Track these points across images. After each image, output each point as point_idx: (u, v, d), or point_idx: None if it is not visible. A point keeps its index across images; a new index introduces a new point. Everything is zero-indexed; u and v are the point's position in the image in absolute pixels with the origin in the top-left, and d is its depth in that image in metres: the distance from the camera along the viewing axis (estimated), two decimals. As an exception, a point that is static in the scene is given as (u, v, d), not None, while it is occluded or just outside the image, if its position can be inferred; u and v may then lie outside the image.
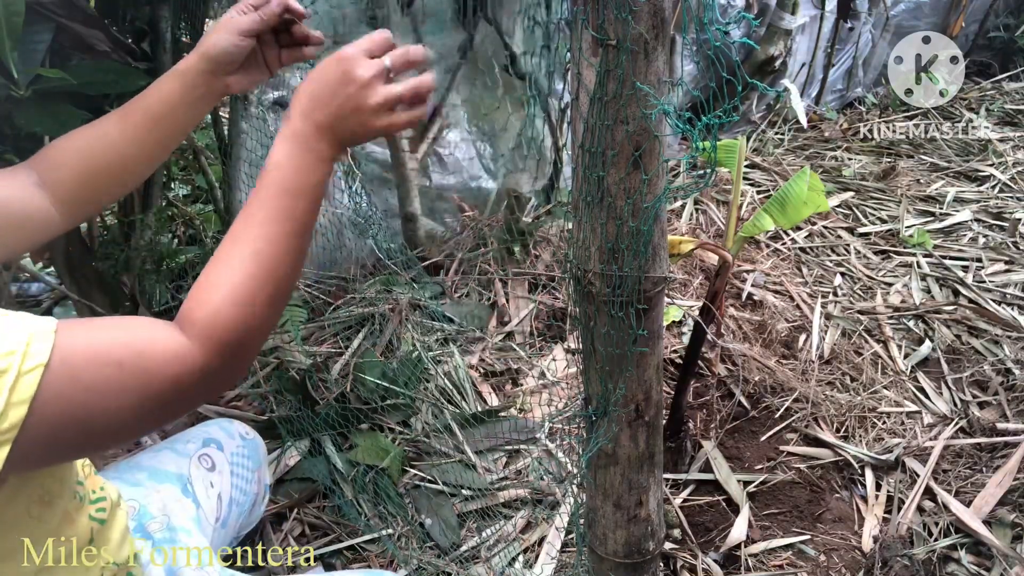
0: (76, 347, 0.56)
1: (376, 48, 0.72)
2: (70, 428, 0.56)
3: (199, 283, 0.65)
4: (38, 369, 0.52)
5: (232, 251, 0.66)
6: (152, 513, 1.01)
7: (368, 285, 2.30)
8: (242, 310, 0.64)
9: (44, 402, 0.53)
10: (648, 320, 0.92)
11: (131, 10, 1.58)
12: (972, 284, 2.47)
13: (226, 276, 0.65)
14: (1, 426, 0.51)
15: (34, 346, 0.53)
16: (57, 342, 0.54)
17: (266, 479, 1.35)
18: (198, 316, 0.62)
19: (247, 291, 0.64)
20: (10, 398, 0.51)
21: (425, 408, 1.89)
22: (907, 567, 1.49)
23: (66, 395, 0.54)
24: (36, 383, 0.52)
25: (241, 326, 0.63)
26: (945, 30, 4.11)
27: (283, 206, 0.68)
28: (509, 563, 1.54)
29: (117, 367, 0.57)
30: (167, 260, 2.06)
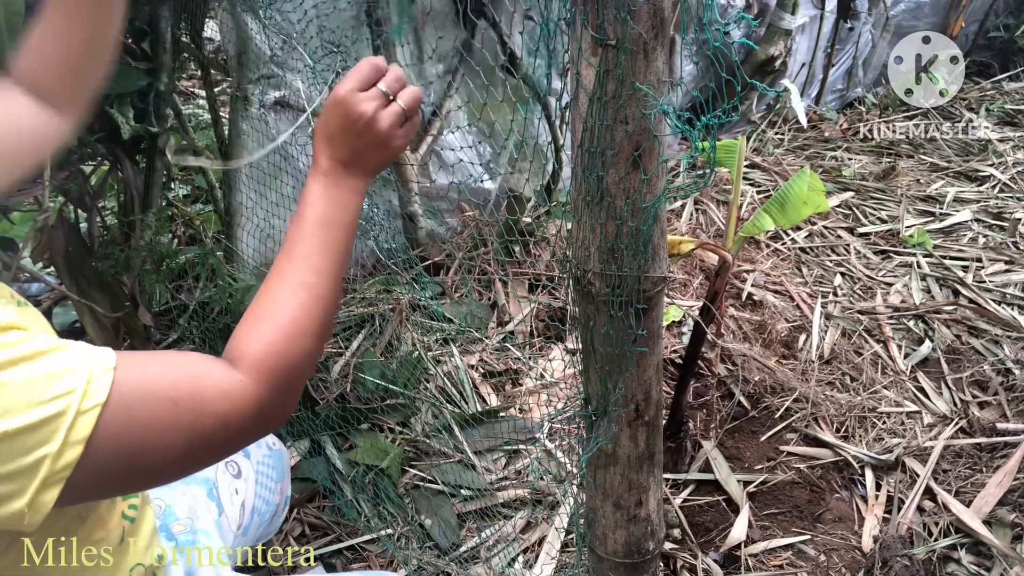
0: (132, 384, 0.56)
1: (365, 79, 0.75)
2: (121, 466, 0.56)
3: (248, 319, 0.66)
4: (96, 409, 0.52)
5: (280, 285, 0.68)
6: (177, 515, 1.02)
7: (368, 285, 2.30)
8: (295, 343, 0.65)
9: (100, 441, 0.53)
10: (648, 320, 0.91)
11: (131, 10, 1.57)
12: (972, 284, 2.47)
13: (277, 310, 0.66)
14: (56, 465, 0.51)
15: (94, 384, 0.53)
16: (117, 378, 0.54)
17: (287, 491, 1.34)
18: (251, 351, 0.63)
19: (298, 324, 0.66)
20: (67, 438, 0.51)
21: (425, 408, 1.89)
22: (907, 567, 1.49)
23: (121, 434, 0.54)
24: (93, 423, 0.52)
25: (294, 359, 0.65)
26: (945, 30, 4.11)
27: (324, 238, 0.71)
28: (509, 563, 1.54)
29: (172, 404, 0.57)
30: (167, 260, 2.06)
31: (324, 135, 0.74)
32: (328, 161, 0.74)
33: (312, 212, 0.71)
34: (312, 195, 0.72)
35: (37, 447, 0.50)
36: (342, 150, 0.74)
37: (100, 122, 1.56)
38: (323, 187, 0.73)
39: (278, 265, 0.69)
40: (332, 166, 0.74)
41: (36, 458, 0.50)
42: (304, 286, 0.68)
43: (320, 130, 0.75)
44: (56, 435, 0.51)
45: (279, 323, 0.65)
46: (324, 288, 0.69)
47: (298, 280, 0.68)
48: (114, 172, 1.77)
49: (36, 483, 0.51)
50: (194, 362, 0.61)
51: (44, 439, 0.50)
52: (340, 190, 0.73)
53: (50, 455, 0.51)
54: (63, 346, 0.55)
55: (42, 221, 1.59)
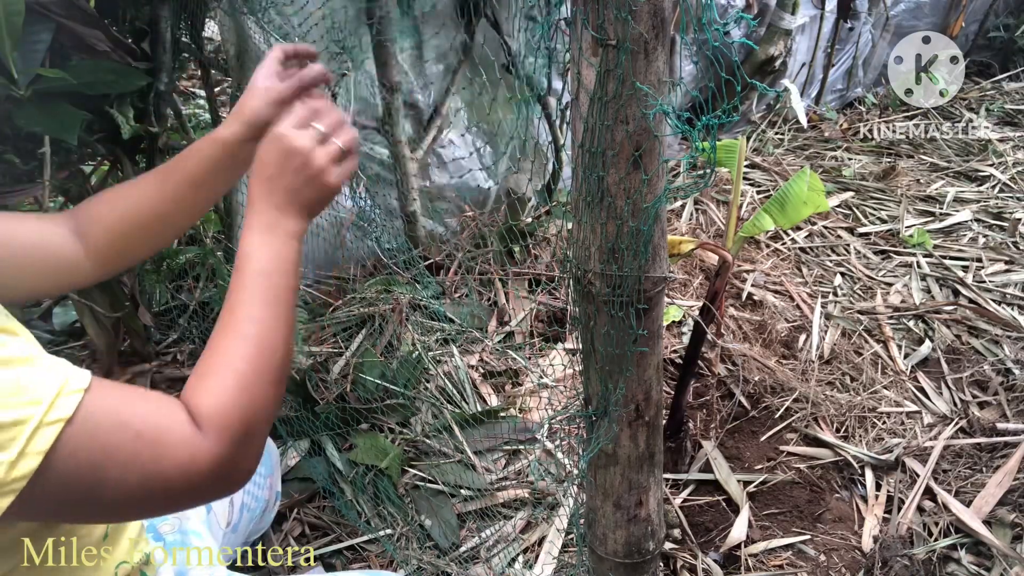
0: (100, 408, 0.56)
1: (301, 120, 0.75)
2: (77, 490, 0.55)
3: (197, 373, 0.65)
4: (59, 423, 0.52)
5: (225, 341, 0.67)
6: (165, 516, 1.02)
7: (368, 285, 2.30)
8: (247, 395, 0.64)
9: (59, 457, 0.52)
10: (648, 320, 0.92)
11: (131, 10, 1.57)
12: (972, 284, 2.47)
13: (225, 365, 0.65)
14: (11, 474, 0.51)
15: (61, 399, 0.53)
16: (87, 399, 0.54)
17: (278, 486, 1.35)
18: (204, 409, 0.62)
19: (248, 376, 0.65)
20: (25, 447, 0.51)
21: (425, 408, 1.89)
22: (907, 567, 1.49)
23: (81, 454, 0.54)
24: (55, 436, 0.52)
25: (248, 411, 0.64)
26: (945, 30, 4.11)
27: (265, 288, 0.70)
28: (509, 563, 1.54)
29: (135, 436, 0.57)
30: (167, 260, 2.06)
31: (261, 176, 0.74)
32: (263, 207, 0.73)
33: (250, 264, 0.71)
34: (250, 246, 0.72)
35: None
36: (279, 191, 0.74)
37: (100, 122, 1.56)
38: (259, 237, 0.72)
39: (222, 319, 0.69)
40: (267, 212, 0.73)
41: None
42: (246, 338, 0.67)
43: (257, 171, 0.74)
44: (14, 443, 0.50)
45: (225, 379, 0.64)
46: (268, 338, 0.68)
47: (240, 332, 0.67)
48: (114, 172, 1.77)
49: None
50: (167, 404, 0.61)
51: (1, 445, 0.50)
52: (277, 237, 0.73)
53: (5, 463, 0.50)
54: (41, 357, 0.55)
55: (42, 221, 1.59)
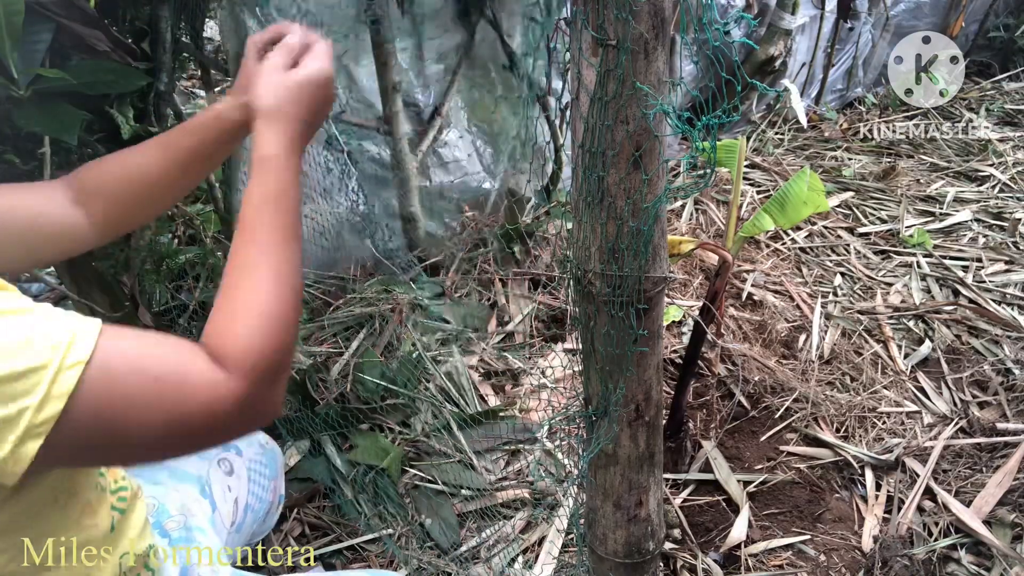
0: (117, 352, 0.56)
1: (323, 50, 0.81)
2: (100, 433, 0.55)
3: (222, 312, 0.65)
4: (79, 366, 0.53)
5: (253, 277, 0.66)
6: (170, 512, 1.03)
7: (368, 285, 2.30)
8: (273, 335, 0.64)
9: (81, 400, 0.53)
10: (648, 320, 0.92)
11: (131, 10, 1.57)
12: (972, 284, 2.47)
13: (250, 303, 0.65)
14: (37, 418, 0.51)
15: (78, 343, 0.54)
16: (100, 343, 0.55)
17: (281, 489, 1.35)
18: (230, 349, 0.62)
19: (276, 314, 0.65)
20: (49, 390, 0.51)
21: (425, 408, 1.89)
22: (907, 567, 1.49)
23: (102, 397, 0.54)
24: (76, 379, 0.52)
25: (275, 350, 0.64)
26: (945, 30, 4.11)
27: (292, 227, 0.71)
28: (509, 563, 1.54)
29: (154, 380, 0.57)
30: (167, 260, 2.06)
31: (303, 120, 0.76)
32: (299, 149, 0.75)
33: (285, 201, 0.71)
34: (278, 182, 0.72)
35: (19, 397, 0.50)
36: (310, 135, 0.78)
37: (100, 122, 1.56)
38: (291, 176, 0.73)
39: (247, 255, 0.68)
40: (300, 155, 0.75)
41: (17, 409, 0.50)
42: (281, 277, 0.67)
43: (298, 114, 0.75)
44: (38, 387, 0.51)
45: (255, 317, 0.64)
46: (296, 279, 0.69)
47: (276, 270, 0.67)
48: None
49: (17, 434, 0.51)
50: (185, 348, 0.61)
51: (27, 390, 0.51)
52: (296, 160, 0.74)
53: (31, 407, 0.51)
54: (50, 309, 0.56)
55: (42, 221, 1.59)
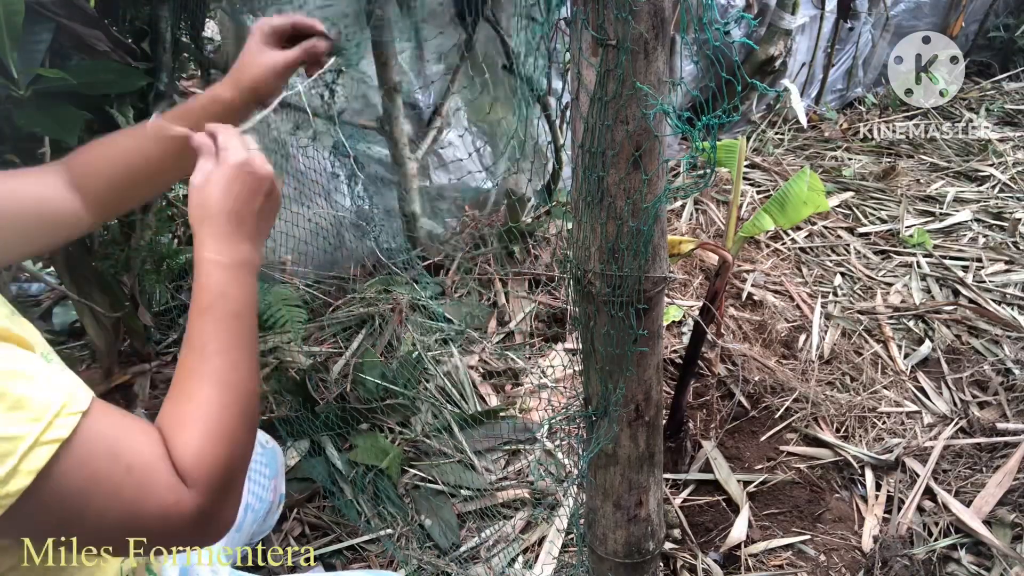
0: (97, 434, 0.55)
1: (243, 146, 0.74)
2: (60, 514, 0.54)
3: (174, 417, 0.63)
4: (55, 443, 0.52)
5: (198, 386, 0.64)
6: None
7: (368, 285, 2.30)
8: (224, 445, 0.62)
9: (50, 478, 0.52)
10: (648, 320, 0.92)
11: (131, 10, 1.57)
12: (972, 284, 2.47)
13: (200, 413, 0.63)
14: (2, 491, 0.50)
15: (60, 420, 0.52)
16: (85, 424, 0.54)
17: (282, 488, 1.35)
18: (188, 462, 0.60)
19: (225, 425, 0.63)
20: (19, 465, 0.50)
21: (425, 408, 1.89)
22: (907, 567, 1.49)
23: (71, 478, 0.53)
24: (49, 456, 0.51)
25: (226, 460, 0.62)
26: (945, 30, 4.11)
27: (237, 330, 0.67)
28: (509, 563, 1.54)
29: (125, 470, 0.56)
30: (167, 260, 2.06)
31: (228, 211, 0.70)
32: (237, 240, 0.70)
33: (222, 305, 0.67)
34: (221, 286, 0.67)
35: None
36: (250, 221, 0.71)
37: (100, 122, 1.56)
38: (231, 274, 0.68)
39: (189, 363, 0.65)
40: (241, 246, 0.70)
41: None
42: (227, 385, 0.64)
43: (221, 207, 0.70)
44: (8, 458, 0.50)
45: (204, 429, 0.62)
46: (247, 384, 0.66)
47: (216, 378, 0.64)
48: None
49: None
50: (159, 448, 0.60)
51: None
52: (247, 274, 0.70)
53: None
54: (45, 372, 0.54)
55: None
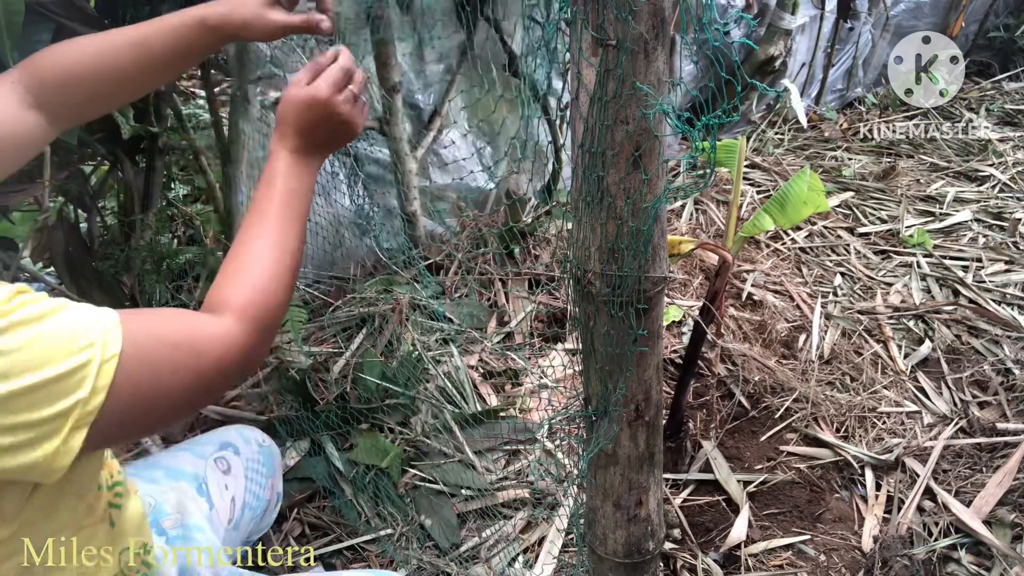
0: (140, 335, 0.62)
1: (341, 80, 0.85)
2: (137, 407, 0.62)
3: (227, 275, 0.74)
4: (115, 358, 0.59)
5: (254, 245, 0.76)
6: (167, 511, 1.03)
7: (368, 285, 2.30)
8: (272, 294, 0.74)
9: (118, 384, 0.59)
10: (648, 320, 0.91)
11: (131, 10, 1.57)
12: (972, 284, 2.47)
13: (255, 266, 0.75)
14: (86, 409, 0.57)
15: (110, 335, 0.59)
16: (125, 331, 0.60)
17: (279, 487, 1.35)
18: (235, 300, 0.71)
19: (274, 277, 0.75)
20: (95, 384, 0.57)
21: (425, 408, 1.89)
22: (907, 567, 1.49)
23: (135, 377, 0.60)
24: (113, 370, 0.58)
25: (272, 306, 0.74)
26: (945, 30, 4.11)
27: (292, 206, 0.81)
28: (509, 563, 1.54)
29: (173, 348, 0.64)
30: (167, 260, 2.06)
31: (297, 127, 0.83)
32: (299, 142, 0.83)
33: (283, 183, 0.81)
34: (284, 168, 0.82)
35: (71, 392, 0.56)
36: (316, 136, 0.84)
37: (100, 122, 1.56)
38: (292, 164, 0.82)
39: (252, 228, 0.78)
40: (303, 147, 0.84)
41: (71, 403, 0.56)
42: (279, 245, 0.77)
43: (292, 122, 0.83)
44: (86, 382, 0.57)
45: (257, 278, 0.74)
46: (294, 248, 0.79)
47: (272, 240, 0.77)
48: (114, 172, 1.77)
49: (68, 425, 0.56)
50: (185, 314, 0.69)
51: (76, 385, 0.56)
52: (308, 168, 0.84)
53: (81, 400, 0.56)
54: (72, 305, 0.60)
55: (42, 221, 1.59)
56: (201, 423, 1.87)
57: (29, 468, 0.55)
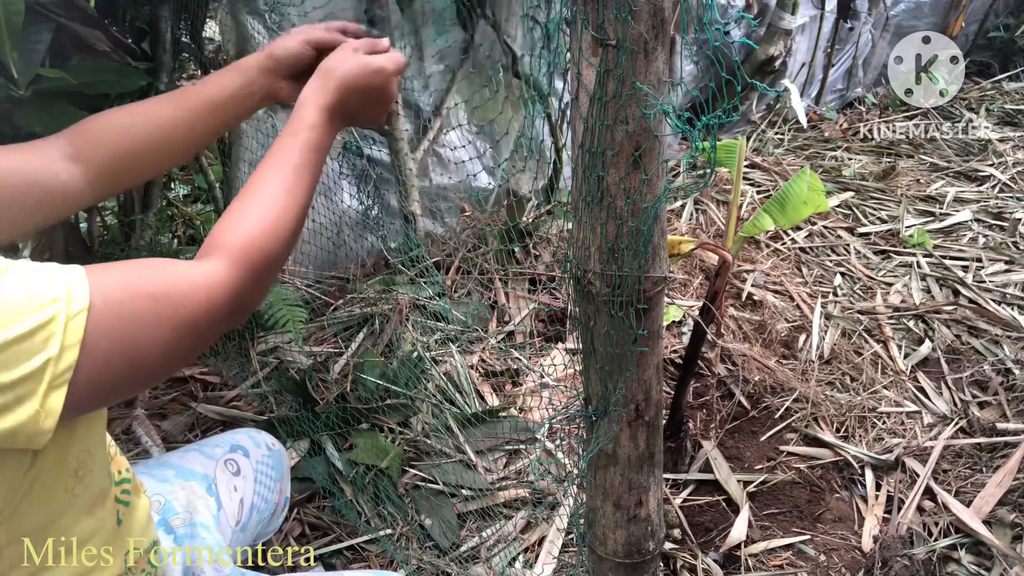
0: (110, 287, 0.59)
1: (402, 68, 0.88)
2: (117, 362, 0.60)
3: (230, 214, 0.72)
4: (83, 312, 0.56)
5: (264, 189, 0.75)
6: (176, 509, 1.03)
7: (368, 285, 2.30)
8: (273, 239, 0.72)
9: (93, 340, 0.57)
10: (648, 320, 0.92)
11: (131, 10, 1.58)
12: (972, 284, 2.47)
13: (260, 209, 0.73)
14: (58, 367, 0.55)
15: (75, 291, 0.57)
16: (93, 283, 0.58)
17: (287, 492, 1.35)
18: (232, 240, 0.69)
19: (279, 223, 0.73)
20: (63, 341, 0.55)
21: (425, 408, 1.89)
22: (907, 567, 1.49)
23: (111, 330, 0.58)
24: (83, 325, 0.56)
25: (271, 252, 0.71)
26: (945, 30, 4.11)
27: (310, 159, 0.80)
28: (509, 563, 1.54)
29: (150, 299, 0.62)
30: (167, 260, 2.06)
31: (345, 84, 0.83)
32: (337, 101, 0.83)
33: (309, 136, 0.80)
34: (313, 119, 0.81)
35: (37, 352, 0.54)
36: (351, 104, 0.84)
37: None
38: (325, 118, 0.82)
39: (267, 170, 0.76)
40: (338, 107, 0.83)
41: (40, 363, 0.54)
42: (290, 192, 0.75)
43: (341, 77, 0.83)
44: (53, 339, 0.54)
45: (261, 221, 0.71)
46: (302, 199, 0.77)
47: (286, 186, 0.75)
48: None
49: (43, 386, 0.54)
50: (162, 262, 0.66)
51: (43, 345, 0.54)
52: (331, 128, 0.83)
53: (51, 358, 0.54)
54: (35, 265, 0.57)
55: (42, 221, 1.58)
56: (201, 424, 1.87)
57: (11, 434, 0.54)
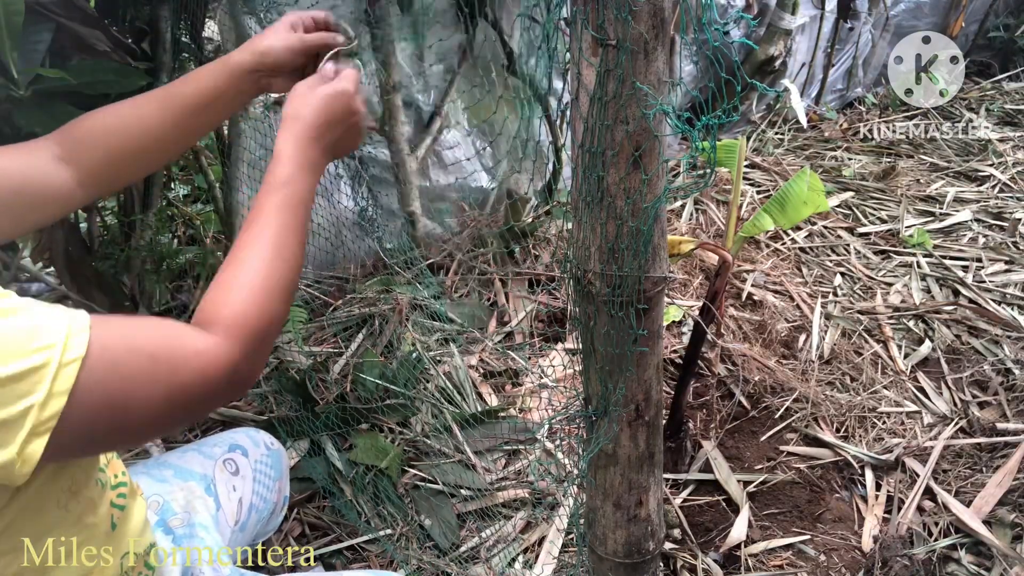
0: (110, 340, 0.58)
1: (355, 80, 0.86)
2: (105, 417, 0.58)
3: (219, 286, 0.70)
4: (77, 361, 0.55)
5: (251, 255, 0.72)
6: (175, 510, 1.03)
7: (368, 285, 2.30)
8: (265, 307, 0.70)
9: (83, 391, 0.55)
10: (648, 320, 0.92)
11: (131, 10, 1.57)
12: (972, 284, 2.47)
13: (248, 278, 0.70)
14: (42, 415, 0.53)
15: (73, 339, 0.55)
16: (94, 335, 0.57)
17: (286, 491, 1.35)
18: (225, 315, 0.67)
19: (269, 290, 0.71)
20: (51, 389, 0.53)
21: (425, 408, 1.89)
22: (907, 567, 1.49)
23: (103, 383, 0.57)
24: (75, 374, 0.55)
25: (265, 321, 0.69)
26: (945, 30, 4.11)
27: (293, 216, 0.77)
28: (509, 563, 1.54)
29: (150, 359, 0.60)
30: (167, 260, 2.06)
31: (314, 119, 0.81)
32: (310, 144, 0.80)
33: (287, 191, 0.77)
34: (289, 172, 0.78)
35: (23, 397, 0.52)
36: (328, 137, 0.82)
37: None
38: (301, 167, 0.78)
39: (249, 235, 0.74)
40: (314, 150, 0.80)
41: (23, 408, 0.52)
42: (274, 257, 0.73)
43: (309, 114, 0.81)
44: (40, 385, 0.53)
45: (250, 290, 0.69)
46: (291, 260, 0.75)
47: (269, 252, 0.73)
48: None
49: (23, 432, 0.52)
50: (167, 324, 0.65)
51: (29, 389, 0.52)
52: (314, 174, 0.80)
53: (36, 404, 0.53)
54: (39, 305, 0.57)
55: (42, 221, 1.58)
56: (201, 423, 1.87)
57: None
